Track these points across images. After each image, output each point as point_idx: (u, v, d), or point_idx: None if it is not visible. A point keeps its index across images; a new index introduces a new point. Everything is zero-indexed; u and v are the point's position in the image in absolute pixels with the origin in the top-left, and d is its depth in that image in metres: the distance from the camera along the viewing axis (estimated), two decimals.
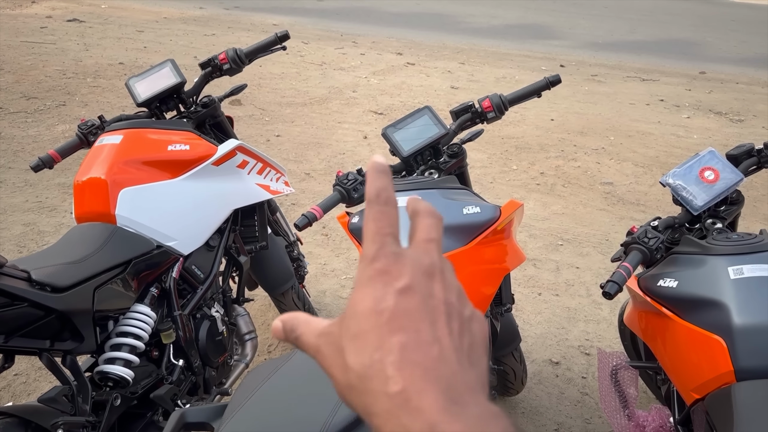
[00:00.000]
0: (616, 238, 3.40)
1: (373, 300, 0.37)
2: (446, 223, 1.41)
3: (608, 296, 1.35)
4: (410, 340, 0.36)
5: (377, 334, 0.36)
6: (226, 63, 1.91)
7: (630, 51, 8.16)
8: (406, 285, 0.38)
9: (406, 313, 0.37)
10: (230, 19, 8.06)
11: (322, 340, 0.39)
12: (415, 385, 0.35)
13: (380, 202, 0.41)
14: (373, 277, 0.38)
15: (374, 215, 0.40)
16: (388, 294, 0.37)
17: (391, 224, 0.40)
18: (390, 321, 0.36)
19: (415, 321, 0.37)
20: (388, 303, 0.37)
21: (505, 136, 4.74)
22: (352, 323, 0.37)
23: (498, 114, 1.70)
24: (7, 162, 3.74)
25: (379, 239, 0.39)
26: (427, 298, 0.38)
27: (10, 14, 7.28)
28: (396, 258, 0.39)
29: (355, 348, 0.37)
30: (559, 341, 2.59)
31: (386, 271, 0.38)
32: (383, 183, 0.41)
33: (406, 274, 0.38)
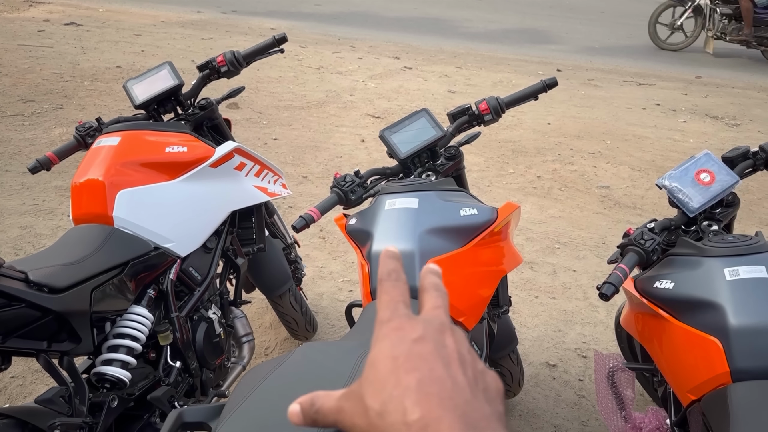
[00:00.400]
0: (613, 241, 3.41)
1: (389, 349, 0.40)
2: (443, 225, 1.42)
3: (605, 298, 1.35)
4: (425, 376, 0.38)
5: (394, 375, 0.38)
6: (224, 65, 1.92)
7: (626, 56, 8.19)
8: (419, 336, 0.41)
9: (420, 356, 0.39)
10: (228, 23, 8.07)
11: (343, 401, 0.42)
12: (433, 413, 0.36)
13: (391, 279, 0.45)
14: (388, 334, 0.41)
15: (386, 289, 0.45)
16: (403, 343, 0.40)
17: (402, 294, 0.44)
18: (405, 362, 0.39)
19: (429, 362, 0.39)
20: (404, 349, 0.40)
21: (502, 139, 4.75)
22: (370, 373, 0.40)
23: (495, 117, 1.71)
24: (4, 165, 3.74)
25: (392, 305, 0.43)
26: (440, 347, 0.41)
27: (8, 17, 7.27)
28: (409, 318, 0.42)
29: (373, 390, 0.39)
30: (556, 344, 2.59)
31: (400, 328, 0.41)
32: (394, 265, 0.46)
33: (419, 329, 0.41)
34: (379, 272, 0.46)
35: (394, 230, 1.41)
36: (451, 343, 0.42)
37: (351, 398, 0.41)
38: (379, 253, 1.38)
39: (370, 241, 1.42)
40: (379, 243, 1.40)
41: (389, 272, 0.46)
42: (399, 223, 1.41)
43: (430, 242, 1.37)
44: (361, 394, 0.40)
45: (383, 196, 1.49)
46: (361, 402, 0.40)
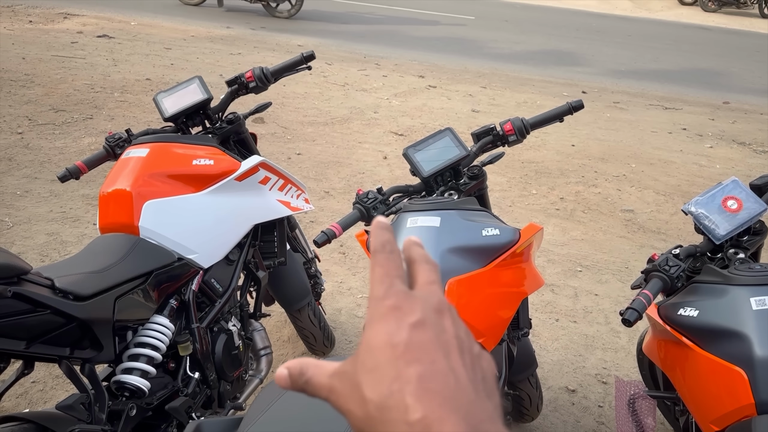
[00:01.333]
0: (636, 266, 3.37)
1: (387, 334, 0.38)
2: (465, 245, 1.42)
3: (628, 323, 1.34)
4: (427, 370, 0.37)
5: (394, 366, 0.37)
6: (253, 81, 1.95)
7: (653, 79, 8.14)
8: (418, 319, 0.39)
9: (421, 345, 0.38)
10: (256, 39, 8.19)
11: (335, 379, 0.40)
12: (435, 413, 0.35)
13: (385, 251, 0.42)
14: (385, 313, 0.39)
15: (380, 261, 0.42)
16: (402, 328, 0.38)
17: (397, 268, 0.42)
18: (405, 353, 0.37)
19: (429, 353, 0.37)
20: (402, 336, 0.38)
21: (525, 160, 4.74)
22: (367, 358, 0.38)
23: (519, 137, 1.71)
24: (33, 172, 3.81)
25: (387, 280, 0.41)
26: (439, 332, 0.39)
27: (43, 29, 7.46)
28: (406, 295, 0.40)
29: (372, 380, 0.37)
30: (576, 368, 2.56)
31: (398, 307, 0.39)
32: (387, 236, 0.43)
33: (417, 310, 0.39)
34: (371, 243, 0.43)
35: None
36: (450, 326, 0.40)
37: (345, 380, 0.39)
38: None
39: None
40: None
41: (383, 243, 0.43)
42: (428, 242, 1.41)
43: (451, 261, 1.37)
44: (358, 381, 0.38)
45: (405, 214, 1.49)
46: (357, 389, 0.38)
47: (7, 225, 3.21)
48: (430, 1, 13.36)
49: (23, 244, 3.06)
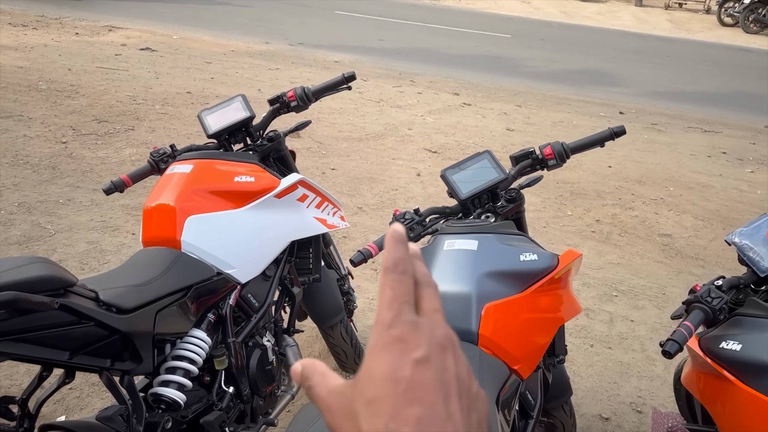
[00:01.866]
0: (673, 292, 3.31)
1: (391, 367, 0.37)
2: (502, 269, 1.41)
3: (668, 355, 1.31)
4: (426, 414, 0.36)
5: (393, 403, 0.36)
6: (294, 100, 1.98)
7: (692, 101, 8.02)
8: (423, 356, 0.38)
9: (422, 385, 0.37)
10: (294, 55, 8.31)
11: (334, 398, 0.39)
12: None
13: (398, 272, 0.40)
14: (389, 344, 0.38)
15: (391, 283, 0.40)
16: (406, 363, 0.37)
17: (407, 293, 0.40)
18: (406, 391, 0.36)
19: (430, 394, 0.37)
20: (405, 373, 0.37)
21: (561, 180, 4.70)
22: (367, 388, 0.37)
23: (559, 162, 1.70)
24: (75, 181, 3.91)
25: (396, 306, 0.39)
26: (441, 371, 0.38)
27: (89, 41, 7.69)
28: (413, 327, 0.39)
29: (369, 414, 0.36)
30: (610, 396, 2.51)
31: (403, 339, 0.38)
32: (401, 253, 0.41)
33: (423, 345, 0.38)
34: (384, 260, 0.41)
35: (452, 271, 1.41)
36: (452, 365, 0.39)
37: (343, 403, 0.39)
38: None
39: None
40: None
41: (396, 262, 0.41)
42: (457, 265, 1.41)
43: (488, 286, 1.36)
44: (355, 409, 0.37)
45: (442, 236, 1.49)
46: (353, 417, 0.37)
47: (49, 232, 3.30)
48: (466, 19, 13.41)
49: (64, 252, 3.13)
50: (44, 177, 3.91)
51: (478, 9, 15.75)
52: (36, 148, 4.32)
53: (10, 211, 3.45)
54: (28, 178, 3.87)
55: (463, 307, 1.34)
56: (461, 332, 1.32)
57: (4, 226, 3.29)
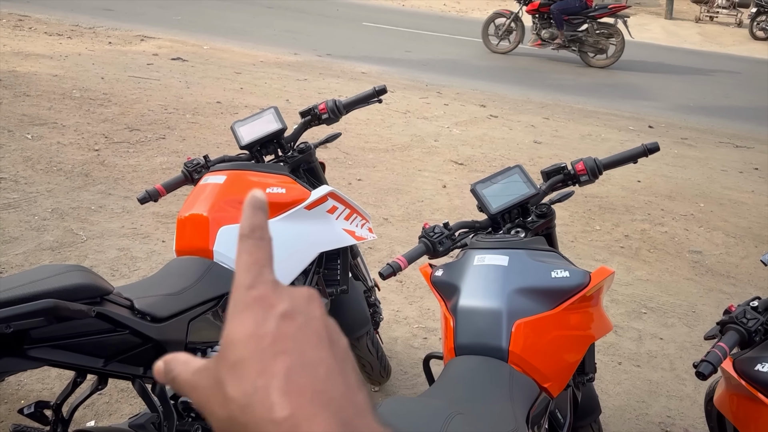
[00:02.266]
0: (704, 310, 3.25)
1: (253, 325, 0.35)
2: (533, 286, 1.41)
3: (702, 377, 1.29)
4: (296, 362, 0.34)
5: (259, 359, 0.34)
6: (325, 113, 2.00)
7: (723, 116, 7.90)
8: (287, 309, 0.36)
9: (290, 335, 0.35)
10: (322, 66, 8.38)
11: (198, 376, 0.37)
12: (304, 410, 0.32)
13: (255, 237, 0.39)
14: (250, 303, 0.36)
15: (249, 248, 0.39)
16: (269, 318, 0.35)
17: (267, 256, 0.39)
18: (273, 344, 0.34)
19: (299, 343, 0.35)
20: (270, 327, 0.35)
21: (589, 194, 4.65)
22: (230, 352, 0.35)
23: (591, 178, 1.69)
24: (107, 188, 3.99)
25: (255, 269, 0.38)
26: (309, 320, 0.36)
27: (121, 50, 7.85)
28: (274, 285, 0.37)
29: (235, 377, 0.34)
30: (638, 415, 2.47)
31: (265, 297, 0.36)
32: (259, 220, 0.40)
33: (286, 300, 0.36)
34: (240, 226, 0.39)
35: (483, 287, 1.40)
36: (320, 314, 0.37)
37: (207, 378, 0.36)
38: (465, 308, 1.38)
39: (457, 295, 1.42)
40: (465, 298, 1.40)
41: (253, 228, 0.39)
42: (487, 280, 1.41)
43: (518, 302, 1.36)
44: (220, 378, 0.34)
45: (472, 251, 1.49)
46: (219, 387, 0.34)
47: (81, 239, 3.36)
48: None
49: (95, 258, 3.19)
50: (77, 184, 4.00)
51: None
52: (69, 155, 4.41)
53: (43, 217, 3.52)
54: (61, 184, 3.96)
55: (493, 323, 1.33)
56: (491, 349, 1.31)
57: (38, 232, 3.36)
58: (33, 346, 1.19)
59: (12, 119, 4.92)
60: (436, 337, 2.87)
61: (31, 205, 3.63)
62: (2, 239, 3.24)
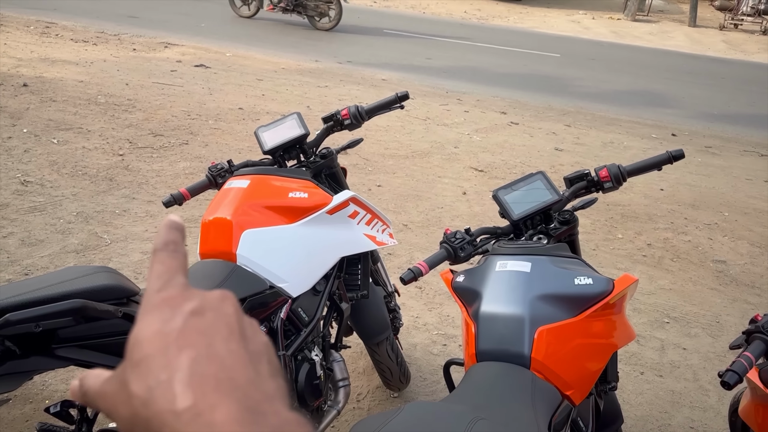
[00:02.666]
0: (728, 321, 3.20)
1: (159, 323, 0.34)
2: (556, 293, 1.40)
3: (727, 386, 1.27)
4: (201, 354, 0.33)
5: (163, 355, 0.33)
6: (348, 119, 2.01)
7: (748, 124, 7.79)
8: (197, 306, 0.35)
9: (198, 330, 0.34)
10: (342, 73, 8.43)
11: (107, 384, 0.36)
12: (207, 399, 0.31)
13: (168, 250, 0.39)
14: (158, 304, 0.35)
15: (161, 259, 0.38)
16: (177, 315, 0.34)
17: (180, 265, 0.39)
18: (178, 339, 0.33)
19: (207, 336, 0.34)
20: (177, 323, 0.34)
21: (611, 202, 4.62)
22: (135, 351, 0.34)
23: (615, 185, 1.68)
24: (131, 192, 4.04)
25: (166, 275, 0.37)
26: (220, 316, 0.35)
27: (145, 57, 7.96)
28: (185, 288, 0.37)
29: (138, 374, 0.33)
30: (661, 426, 2.44)
31: (173, 298, 0.36)
32: (174, 236, 0.40)
33: (196, 299, 0.36)
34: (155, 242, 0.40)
35: (505, 293, 1.40)
36: (233, 311, 0.36)
37: (114, 382, 0.35)
38: (487, 315, 1.37)
39: (479, 301, 1.42)
40: (487, 304, 1.39)
41: (166, 242, 0.39)
42: (510, 286, 1.40)
43: (541, 309, 1.35)
44: (125, 378, 0.33)
45: (494, 257, 1.48)
46: (124, 388, 0.33)
47: (105, 242, 3.41)
48: (515, 38, 13.38)
49: (119, 261, 3.23)
50: (101, 188, 4.05)
51: (526, 28, 15.71)
52: (94, 159, 4.48)
53: (68, 221, 3.58)
54: (86, 188, 4.02)
55: (515, 329, 1.33)
56: (513, 355, 1.31)
57: (63, 235, 3.42)
58: (61, 346, 1.21)
59: (39, 124, 5.01)
60: (456, 344, 2.86)
61: (57, 209, 3.70)
62: (28, 242, 3.30)
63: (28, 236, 3.35)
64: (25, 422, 2.18)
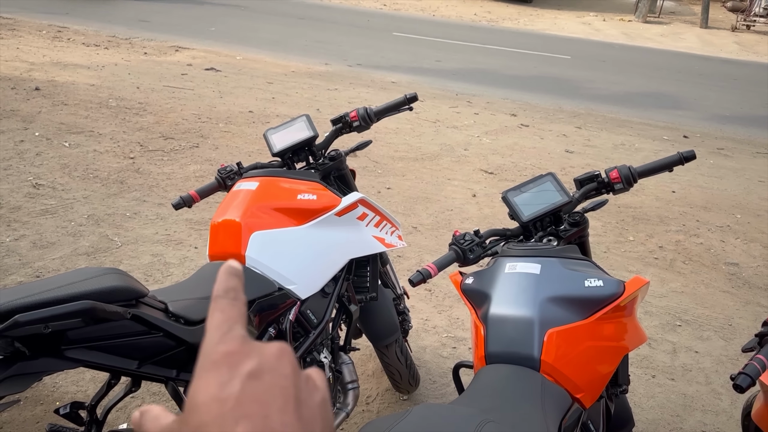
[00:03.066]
0: (740, 323, 3.17)
1: (218, 386, 0.34)
2: (566, 295, 1.39)
3: (740, 390, 1.26)
4: (257, 427, 0.32)
5: (220, 425, 0.32)
6: (357, 121, 2.01)
7: (761, 126, 7.72)
8: (254, 368, 0.35)
9: (254, 397, 0.33)
10: (352, 76, 8.44)
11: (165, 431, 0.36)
12: None
13: (229, 297, 0.39)
14: (217, 361, 0.35)
15: (222, 307, 0.39)
16: (235, 378, 0.34)
17: (239, 315, 0.39)
18: (234, 409, 0.33)
19: (263, 406, 0.33)
20: (234, 389, 0.33)
21: (622, 204, 4.59)
22: (192, 416, 0.34)
23: (626, 186, 1.66)
24: (142, 195, 4.06)
25: (226, 326, 0.37)
26: (277, 378, 0.35)
27: (156, 60, 8.01)
28: (244, 341, 0.36)
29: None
30: (672, 430, 2.41)
31: (232, 354, 0.35)
32: (234, 283, 0.40)
33: (254, 356, 0.35)
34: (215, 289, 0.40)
35: (514, 295, 1.39)
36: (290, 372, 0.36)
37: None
38: (496, 317, 1.36)
39: (488, 303, 1.41)
40: (497, 306, 1.39)
41: (227, 290, 0.39)
42: (519, 288, 1.39)
43: (550, 311, 1.34)
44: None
45: (503, 259, 1.47)
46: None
47: (116, 244, 3.43)
48: (525, 40, 13.35)
49: (130, 263, 3.25)
50: (112, 191, 4.08)
51: (537, 30, 15.67)
52: (105, 162, 4.51)
53: (79, 223, 3.60)
54: (97, 191, 4.04)
55: (524, 332, 1.32)
56: (523, 358, 1.30)
57: (74, 237, 3.44)
58: (70, 347, 1.21)
59: (50, 128, 5.05)
60: (465, 347, 2.85)
61: (68, 211, 3.72)
62: (40, 244, 3.32)
63: (39, 239, 3.37)
64: (36, 423, 2.19)
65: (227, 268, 0.41)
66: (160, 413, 0.38)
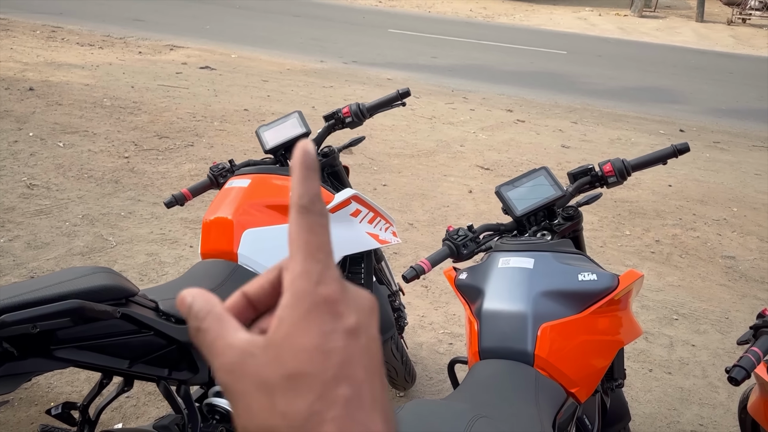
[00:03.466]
0: (737, 317, 3.17)
1: (320, 335, 0.32)
2: (559, 289, 1.38)
3: (734, 382, 1.25)
4: (354, 396, 0.32)
5: (321, 380, 0.31)
6: (349, 117, 2.00)
7: (757, 119, 7.73)
8: (354, 325, 0.33)
9: (353, 360, 0.32)
10: (348, 73, 8.42)
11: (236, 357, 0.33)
12: None
13: (316, 212, 0.34)
14: (319, 305, 0.33)
15: (311, 226, 0.34)
16: (337, 332, 0.32)
17: (330, 241, 0.35)
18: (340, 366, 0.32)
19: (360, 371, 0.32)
20: (338, 344, 0.32)
21: (618, 199, 4.58)
22: (289, 358, 0.32)
23: (619, 179, 1.65)
24: (137, 195, 4.05)
25: (322, 258, 0.34)
26: (370, 341, 0.34)
27: (151, 59, 7.99)
28: (342, 287, 0.34)
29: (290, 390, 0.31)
30: (669, 423, 2.41)
31: (334, 302, 0.33)
32: (315, 187, 0.35)
33: (353, 311, 0.34)
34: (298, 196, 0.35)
35: (507, 289, 1.38)
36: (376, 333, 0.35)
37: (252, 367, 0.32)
38: (490, 312, 1.36)
39: (481, 298, 1.40)
40: (490, 301, 1.38)
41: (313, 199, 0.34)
42: (512, 283, 1.38)
43: (544, 305, 1.33)
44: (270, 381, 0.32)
45: (497, 254, 1.47)
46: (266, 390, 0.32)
47: (111, 244, 3.41)
48: (521, 36, 13.34)
49: (124, 263, 3.24)
50: (107, 190, 4.06)
51: (532, 26, 15.66)
52: (100, 162, 4.49)
53: (74, 223, 3.59)
54: (92, 191, 4.03)
55: (518, 326, 1.31)
56: (516, 352, 1.29)
57: (69, 237, 3.42)
58: (59, 347, 1.20)
59: (44, 128, 5.03)
60: (462, 343, 2.85)
61: (63, 211, 3.71)
62: (34, 244, 3.30)
63: (34, 239, 3.36)
64: (30, 425, 2.18)
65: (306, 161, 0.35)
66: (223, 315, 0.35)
